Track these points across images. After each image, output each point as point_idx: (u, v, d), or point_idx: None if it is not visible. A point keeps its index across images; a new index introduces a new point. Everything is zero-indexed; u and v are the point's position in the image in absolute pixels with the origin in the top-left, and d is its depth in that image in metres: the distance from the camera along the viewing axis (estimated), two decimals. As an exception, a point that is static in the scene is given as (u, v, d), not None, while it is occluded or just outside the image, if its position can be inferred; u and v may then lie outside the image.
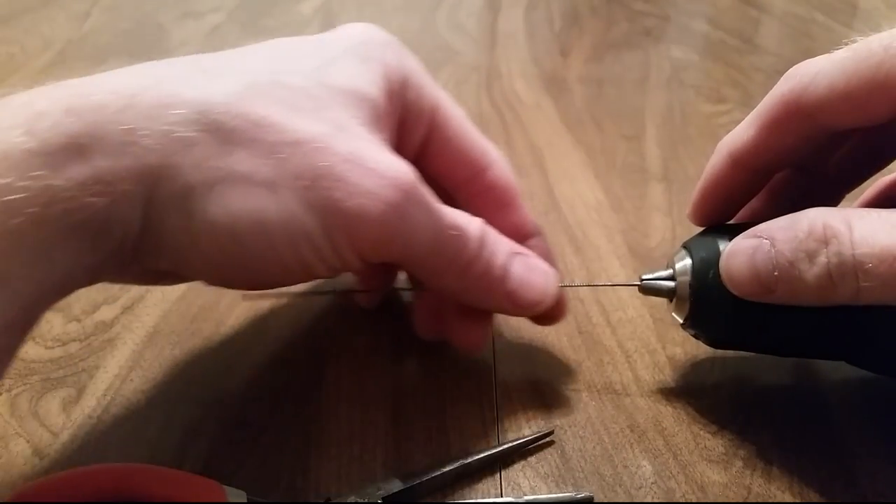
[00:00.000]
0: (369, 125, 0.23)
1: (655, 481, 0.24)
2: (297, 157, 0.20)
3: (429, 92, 0.26)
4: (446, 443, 0.25)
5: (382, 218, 0.21)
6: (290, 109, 0.21)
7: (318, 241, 0.21)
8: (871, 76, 0.22)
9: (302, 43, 0.24)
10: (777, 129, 0.25)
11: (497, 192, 0.27)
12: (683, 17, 0.71)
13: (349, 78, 0.23)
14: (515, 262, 0.25)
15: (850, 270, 0.20)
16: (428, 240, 0.23)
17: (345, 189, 0.21)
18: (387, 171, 0.21)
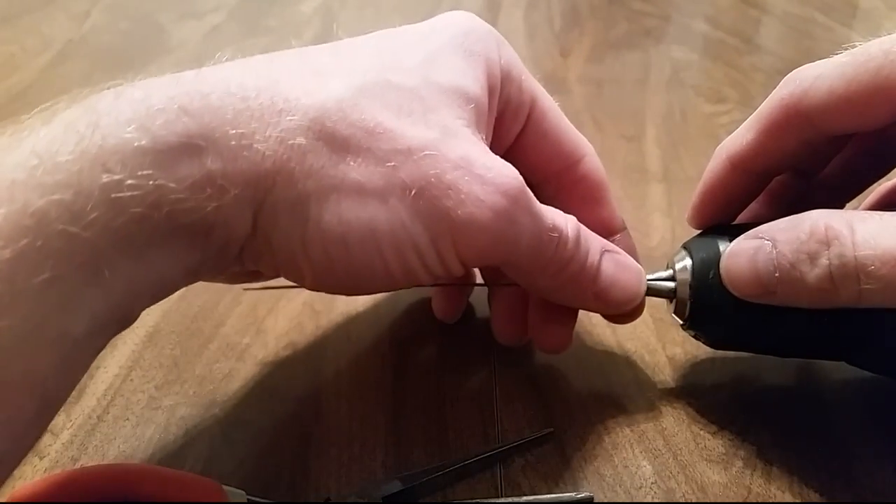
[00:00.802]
0: (474, 126, 0.22)
1: (655, 481, 0.24)
2: (408, 165, 0.20)
3: (528, 85, 0.26)
4: (446, 443, 0.25)
5: (492, 225, 0.21)
6: (400, 114, 0.21)
7: (425, 250, 0.21)
8: (870, 80, 0.22)
9: (405, 35, 0.24)
10: (777, 132, 0.25)
11: (588, 185, 0.27)
12: (683, 17, 0.71)
13: (454, 75, 0.23)
14: (606, 261, 0.25)
15: (852, 272, 0.20)
16: (530, 243, 0.22)
17: (455, 197, 0.20)
18: (496, 177, 0.21)
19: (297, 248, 0.20)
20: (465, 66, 0.23)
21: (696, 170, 0.43)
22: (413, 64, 0.22)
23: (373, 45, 0.23)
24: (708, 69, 0.58)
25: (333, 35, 0.25)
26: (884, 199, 0.28)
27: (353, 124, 0.20)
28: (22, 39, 0.59)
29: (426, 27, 0.25)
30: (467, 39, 0.24)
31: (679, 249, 0.26)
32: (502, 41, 0.25)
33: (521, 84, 0.25)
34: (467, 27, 0.25)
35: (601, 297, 0.25)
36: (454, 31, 0.24)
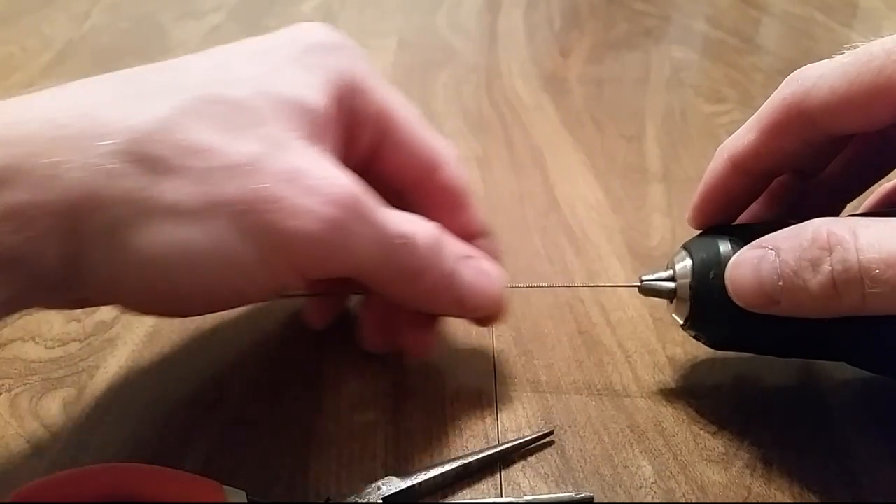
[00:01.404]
0: (310, 137, 0.22)
1: (655, 481, 0.24)
2: (232, 181, 0.20)
3: (378, 95, 0.25)
4: (446, 443, 0.25)
5: (322, 236, 0.21)
6: (224, 129, 0.20)
7: (255, 267, 0.21)
8: (872, 80, 0.22)
9: (245, 48, 0.24)
10: (778, 132, 0.25)
11: (448, 192, 0.27)
12: (683, 17, 0.71)
13: (291, 87, 0.22)
14: (465, 267, 0.25)
15: (856, 277, 0.20)
16: (373, 252, 0.22)
17: (282, 210, 0.20)
18: (325, 187, 0.21)
19: (113, 275, 0.20)
20: (305, 77, 0.23)
21: (696, 170, 0.43)
22: (248, 76, 0.22)
23: (207, 60, 0.23)
24: (708, 69, 0.58)
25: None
26: (884, 200, 0.28)
27: (173, 145, 0.20)
28: (22, 39, 0.59)
29: (270, 39, 0.24)
30: (311, 51, 0.24)
31: (679, 250, 0.26)
32: (354, 53, 0.25)
33: (371, 94, 0.25)
34: (313, 39, 0.24)
35: (460, 303, 0.25)
36: (298, 43, 0.24)
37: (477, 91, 0.53)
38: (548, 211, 0.39)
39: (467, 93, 0.53)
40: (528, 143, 0.46)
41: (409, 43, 0.62)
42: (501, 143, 0.46)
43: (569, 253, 0.35)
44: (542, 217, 0.38)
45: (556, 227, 0.37)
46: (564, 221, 0.38)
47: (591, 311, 0.31)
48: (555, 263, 0.35)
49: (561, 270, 0.34)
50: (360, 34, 0.62)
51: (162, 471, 0.21)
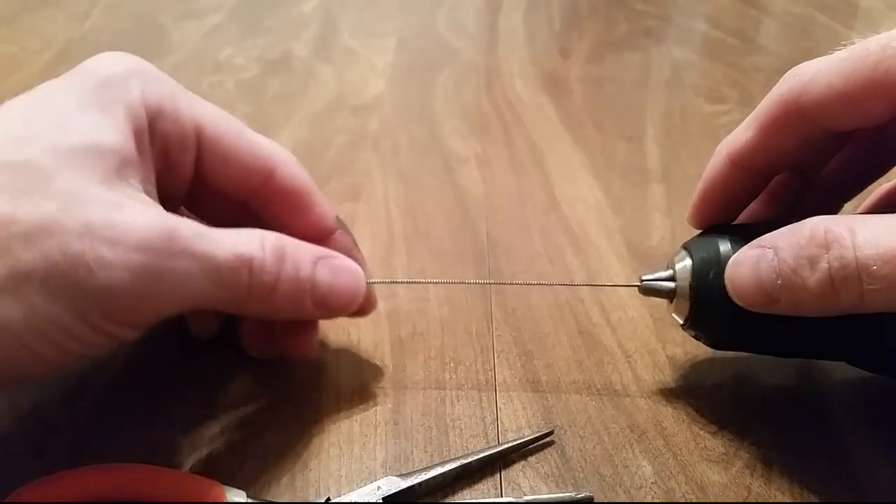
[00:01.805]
0: (111, 180, 0.21)
1: (655, 481, 0.24)
2: (29, 249, 0.19)
3: (187, 113, 0.24)
4: (446, 443, 0.25)
5: (135, 285, 0.20)
6: (15, 195, 0.19)
7: (76, 328, 0.20)
8: (868, 75, 0.22)
9: (34, 100, 0.22)
10: (776, 129, 0.25)
11: (289, 194, 0.26)
12: (683, 17, 0.71)
13: (84, 132, 0.21)
14: (320, 269, 0.24)
15: (854, 274, 0.20)
16: (205, 283, 0.21)
17: (86, 268, 0.19)
18: (128, 233, 0.20)
19: None
20: (98, 118, 0.22)
21: (696, 170, 0.43)
22: (36, 133, 0.21)
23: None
24: (708, 69, 0.58)
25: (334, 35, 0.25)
26: (883, 200, 0.28)
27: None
28: (22, 39, 0.59)
29: (61, 85, 0.23)
30: (101, 88, 0.22)
31: (679, 249, 0.26)
32: (152, 76, 0.24)
33: (179, 116, 0.24)
34: (106, 73, 0.23)
35: (322, 305, 0.25)
36: (87, 82, 0.23)
37: (477, 91, 0.53)
38: (548, 211, 0.39)
39: (467, 93, 0.53)
40: (528, 143, 0.46)
41: (409, 43, 0.62)
42: (501, 143, 0.46)
43: (569, 253, 0.35)
44: (542, 217, 0.38)
45: (556, 227, 0.37)
46: (564, 221, 0.38)
47: (591, 311, 0.31)
48: (555, 263, 0.35)
49: (561, 270, 0.34)
50: (360, 34, 0.62)
51: (162, 471, 0.21)
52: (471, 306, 0.31)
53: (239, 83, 0.53)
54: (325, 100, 0.51)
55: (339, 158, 0.43)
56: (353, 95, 0.51)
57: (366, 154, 0.44)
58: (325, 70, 0.55)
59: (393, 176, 0.42)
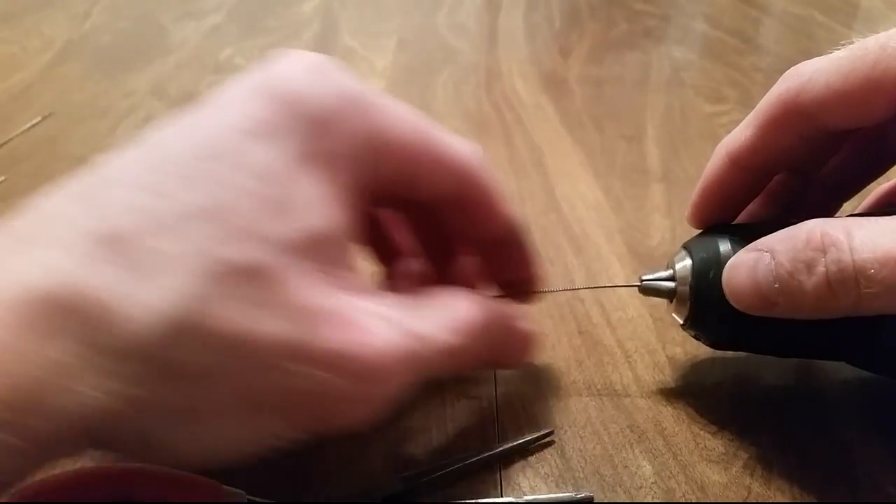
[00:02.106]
0: (340, 274, 0.19)
1: (655, 481, 0.24)
2: (265, 375, 0.17)
3: (396, 142, 0.21)
4: (446, 443, 0.25)
5: (371, 416, 0.19)
6: (246, 309, 0.17)
7: (296, 437, 0.19)
8: (866, 74, 0.22)
9: (238, 154, 0.18)
10: (775, 128, 0.25)
11: (474, 201, 0.24)
12: (683, 17, 0.71)
13: (311, 218, 0.18)
14: (508, 336, 0.25)
15: (851, 277, 0.20)
16: (416, 380, 0.21)
17: (325, 400, 0.18)
18: (371, 370, 0.18)
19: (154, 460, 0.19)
20: (322, 192, 0.19)
21: (696, 170, 0.43)
22: (252, 213, 0.17)
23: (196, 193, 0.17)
24: (708, 69, 0.58)
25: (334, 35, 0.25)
26: (882, 199, 0.28)
27: (197, 343, 0.16)
28: (22, 39, 0.59)
29: (259, 126, 0.18)
30: (317, 140, 0.19)
31: (679, 249, 0.26)
32: (362, 105, 0.20)
33: (390, 148, 0.21)
34: (316, 115, 0.19)
35: (493, 365, 0.26)
36: (296, 128, 0.19)
37: (477, 91, 0.53)
38: (548, 211, 0.39)
39: (467, 93, 0.53)
40: (528, 143, 0.46)
41: (409, 43, 0.62)
42: (501, 143, 0.46)
43: (569, 253, 0.35)
44: (542, 217, 0.38)
45: (556, 227, 0.37)
46: (564, 221, 0.38)
47: (591, 311, 0.31)
48: (555, 263, 0.35)
49: (561, 270, 0.34)
50: (360, 34, 0.62)
51: (162, 471, 0.21)
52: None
53: (239, 83, 0.53)
54: (325, 100, 0.50)
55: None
56: (353, 95, 0.51)
57: (366, 154, 0.44)
58: (325, 70, 0.55)
59: (393, 176, 0.41)
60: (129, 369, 0.16)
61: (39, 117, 0.47)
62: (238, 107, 0.19)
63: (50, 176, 0.18)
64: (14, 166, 0.42)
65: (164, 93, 0.51)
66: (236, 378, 0.17)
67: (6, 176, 0.41)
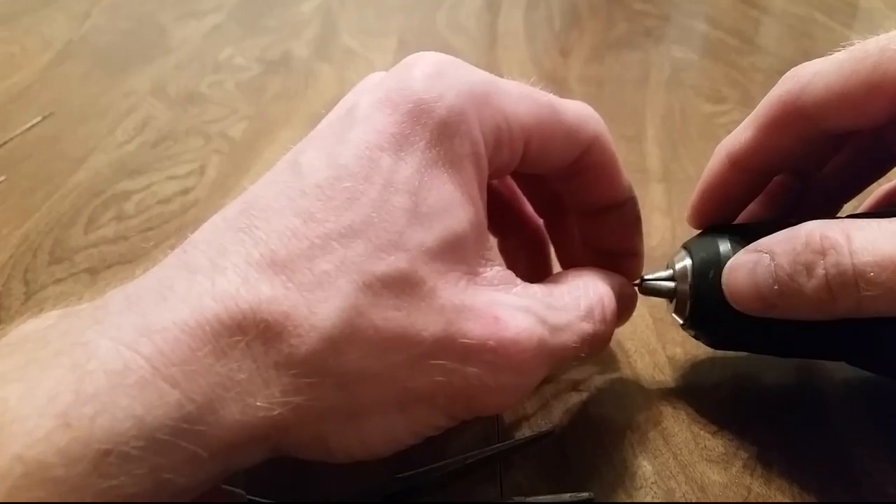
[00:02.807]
0: (478, 270, 0.20)
1: (655, 481, 0.24)
2: (420, 373, 0.19)
3: (518, 130, 0.22)
4: (446, 443, 0.25)
5: (510, 403, 0.21)
6: (401, 309, 0.18)
7: (443, 424, 0.21)
8: (867, 76, 0.22)
9: (369, 160, 0.19)
10: (775, 130, 0.25)
11: (594, 170, 0.25)
12: (683, 17, 0.71)
13: (446, 221, 0.19)
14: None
15: (851, 280, 0.20)
16: (555, 368, 0.22)
17: (471, 391, 0.19)
18: (510, 361, 0.19)
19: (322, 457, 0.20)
20: (452, 193, 0.20)
21: (696, 170, 0.43)
22: (392, 231, 0.18)
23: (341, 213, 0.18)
24: (708, 69, 0.58)
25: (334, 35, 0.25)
26: (883, 200, 0.28)
27: (360, 348, 0.18)
28: (22, 39, 0.59)
29: (390, 131, 0.19)
30: (446, 141, 0.20)
31: (679, 249, 0.26)
32: (483, 100, 0.21)
33: (512, 137, 0.22)
34: (442, 116, 0.20)
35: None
36: (424, 131, 0.20)
37: (477, 91, 0.53)
38: (548, 211, 0.39)
39: (467, 93, 0.52)
40: (528, 143, 0.46)
41: (409, 43, 0.61)
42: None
43: (569, 253, 0.35)
44: (542, 217, 0.38)
45: (556, 227, 0.37)
46: (564, 221, 0.38)
47: (591, 311, 0.31)
48: (555, 264, 0.34)
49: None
50: (360, 34, 0.62)
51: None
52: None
53: (239, 83, 0.53)
54: (325, 100, 0.51)
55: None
56: (353, 95, 0.51)
57: (366, 154, 0.44)
58: (325, 70, 0.55)
59: (393, 176, 0.41)
60: (299, 381, 0.17)
61: (39, 117, 0.47)
62: (369, 122, 0.20)
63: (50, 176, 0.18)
64: (14, 166, 0.42)
65: (164, 93, 0.51)
66: (392, 378, 0.18)
67: (6, 176, 0.41)
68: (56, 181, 0.40)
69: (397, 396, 0.19)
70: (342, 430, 0.19)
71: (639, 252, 0.27)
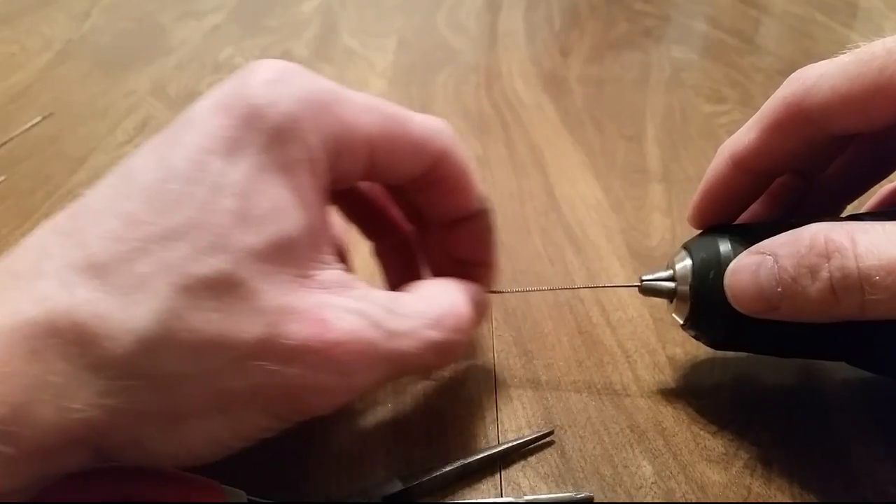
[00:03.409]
0: (307, 273, 0.20)
1: (655, 481, 0.24)
2: (239, 375, 0.18)
3: (361, 138, 0.22)
4: (446, 443, 0.25)
5: (339, 400, 0.20)
6: (219, 317, 0.18)
7: (272, 427, 0.20)
8: (873, 79, 0.22)
9: (197, 167, 0.19)
10: (779, 132, 0.24)
11: (446, 180, 0.24)
12: (683, 17, 0.71)
13: (273, 225, 0.19)
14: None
15: (855, 284, 0.20)
16: (395, 374, 0.22)
17: (296, 392, 0.19)
18: (338, 359, 0.19)
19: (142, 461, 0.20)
20: (283, 197, 0.19)
21: (696, 170, 0.43)
22: (219, 227, 0.18)
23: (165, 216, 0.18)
24: (708, 69, 0.58)
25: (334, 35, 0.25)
26: (885, 201, 0.28)
27: (176, 351, 0.17)
28: (22, 39, 0.59)
29: (221, 137, 0.19)
30: (278, 146, 0.19)
31: (679, 249, 0.26)
32: (322, 106, 0.21)
33: (353, 144, 0.21)
34: (276, 121, 0.19)
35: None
36: (257, 136, 0.19)
37: (477, 91, 0.53)
38: (548, 211, 0.39)
39: (467, 93, 0.53)
40: (528, 143, 0.46)
41: (409, 43, 0.62)
42: (501, 143, 0.46)
43: (569, 253, 0.35)
44: (542, 217, 0.38)
45: (556, 227, 0.37)
46: (564, 221, 0.38)
47: (591, 311, 0.31)
48: (555, 263, 0.35)
49: (561, 270, 0.34)
50: (360, 34, 0.62)
51: (162, 471, 0.21)
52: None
53: (239, 83, 0.53)
54: (325, 100, 0.50)
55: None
56: (353, 95, 0.51)
57: (366, 154, 0.44)
58: (325, 70, 0.55)
59: (393, 176, 0.42)
60: (114, 384, 0.17)
61: (39, 117, 0.47)
62: (202, 126, 0.19)
63: (50, 176, 0.18)
64: (14, 166, 0.42)
65: (164, 93, 0.51)
66: (211, 380, 0.18)
67: (6, 176, 0.41)
68: (56, 181, 0.40)
69: (217, 399, 0.18)
70: (162, 434, 0.18)
71: (492, 262, 0.27)
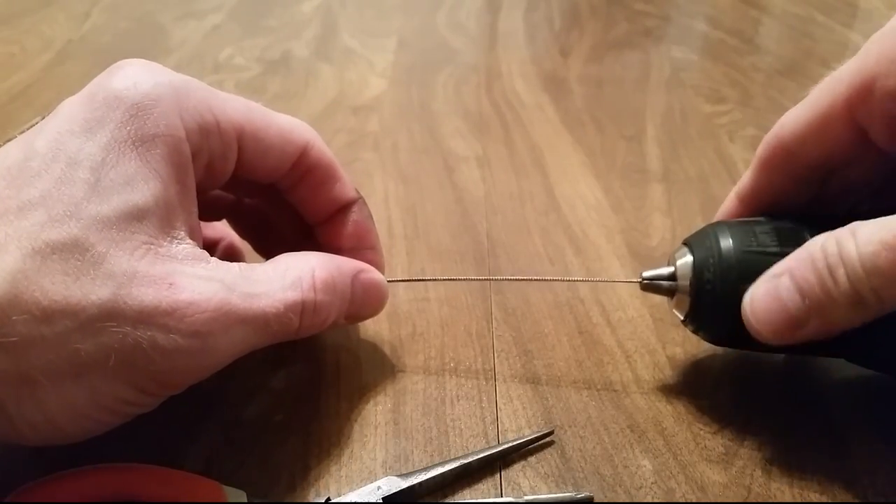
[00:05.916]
0: (158, 243, 0.21)
1: (655, 481, 0.24)
2: (87, 339, 0.19)
3: (227, 123, 0.23)
4: (446, 443, 0.25)
5: (190, 364, 0.21)
6: (66, 282, 0.19)
7: (133, 398, 0.21)
8: (829, 103, 0.23)
9: (61, 142, 0.20)
10: (767, 169, 0.26)
11: (314, 172, 0.26)
12: (683, 17, 0.71)
13: (123, 194, 0.20)
14: (356, 288, 0.25)
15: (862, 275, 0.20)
16: (257, 337, 0.22)
17: (144, 355, 0.19)
18: (183, 320, 0.20)
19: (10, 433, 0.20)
20: (135, 169, 0.20)
21: (696, 170, 0.43)
22: (71, 196, 0.19)
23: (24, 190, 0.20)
24: (708, 69, 0.58)
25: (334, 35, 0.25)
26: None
27: (24, 313, 0.18)
28: (22, 39, 0.59)
29: (83, 116, 0.21)
30: (134, 122, 0.21)
31: (680, 246, 0.26)
32: (184, 92, 0.22)
33: (220, 127, 0.23)
34: (133, 101, 0.21)
35: (352, 319, 0.27)
36: (115, 114, 0.21)
37: (477, 91, 0.53)
38: (548, 211, 0.39)
39: (467, 93, 0.53)
40: (528, 143, 0.46)
41: (409, 43, 0.62)
42: (501, 143, 0.46)
43: (569, 253, 0.35)
44: (542, 217, 0.38)
45: (555, 227, 0.37)
46: (564, 221, 0.38)
47: (591, 311, 0.31)
48: (555, 263, 0.35)
49: (561, 270, 0.34)
50: (360, 34, 0.62)
51: (162, 471, 0.21)
52: (471, 306, 0.31)
53: (239, 83, 0.53)
54: (325, 100, 0.51)
55: (339, 158, 0.42)
56: (353, 95, 0.51)
57: (366, 154, 0.44)
58: (325, 70, 0.55)
59: (393, 176, 0.42)
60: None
61: (39, 117, 0.47)
62: (65, 114, 0.21)
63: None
64: (14, 166, 0.42)
65: (164, 93, 0.51)
66: (62, 342, 0.19)
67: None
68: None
69: (69, 362, 0.19)
70: (19, 399, 0.19)
71: (376, 245, 0.28)
